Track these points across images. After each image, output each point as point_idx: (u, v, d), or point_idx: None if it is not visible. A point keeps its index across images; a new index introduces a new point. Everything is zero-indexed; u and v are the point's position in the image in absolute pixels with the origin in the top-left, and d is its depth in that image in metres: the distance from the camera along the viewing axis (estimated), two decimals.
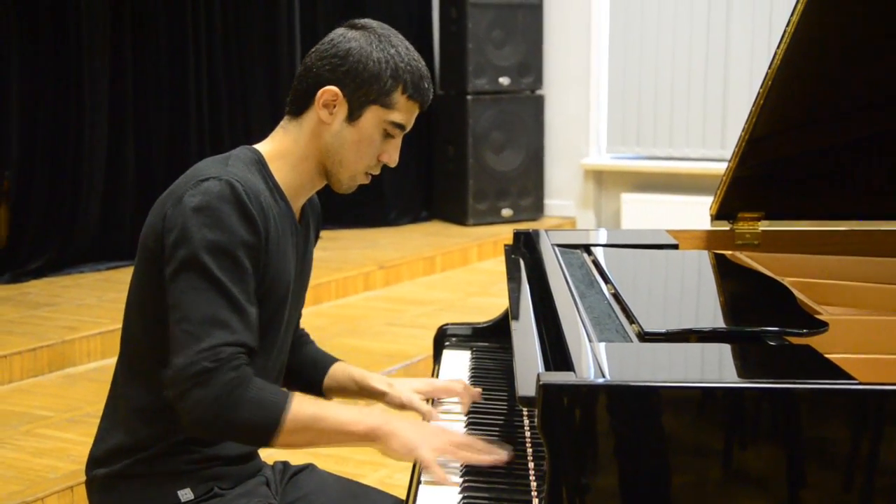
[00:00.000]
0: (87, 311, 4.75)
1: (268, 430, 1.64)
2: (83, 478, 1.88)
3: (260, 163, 1.80)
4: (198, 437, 1.75)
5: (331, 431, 1.68)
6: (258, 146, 1.85)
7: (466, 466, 1.67)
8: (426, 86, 1.82)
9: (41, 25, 5.40)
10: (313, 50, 1.83)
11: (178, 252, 1.67)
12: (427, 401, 2.02)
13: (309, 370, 2.04)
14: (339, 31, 1.82)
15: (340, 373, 2.03)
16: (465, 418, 1.92)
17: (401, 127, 1.82)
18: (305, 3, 6.73)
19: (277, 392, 1.67)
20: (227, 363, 1.62)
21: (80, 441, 3.45)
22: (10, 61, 5.29)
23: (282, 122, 1.86)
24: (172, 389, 1.64)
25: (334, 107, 1.78)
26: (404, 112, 1.81)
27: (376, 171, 1.86)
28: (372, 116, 1.79)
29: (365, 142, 1.80)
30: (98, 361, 4.36)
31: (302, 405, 1.67)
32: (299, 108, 1.82)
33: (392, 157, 1.84)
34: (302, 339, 2.07)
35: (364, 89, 1.77)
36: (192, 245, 1.66)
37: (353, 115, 1.79)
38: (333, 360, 2.06)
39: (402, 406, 1.98)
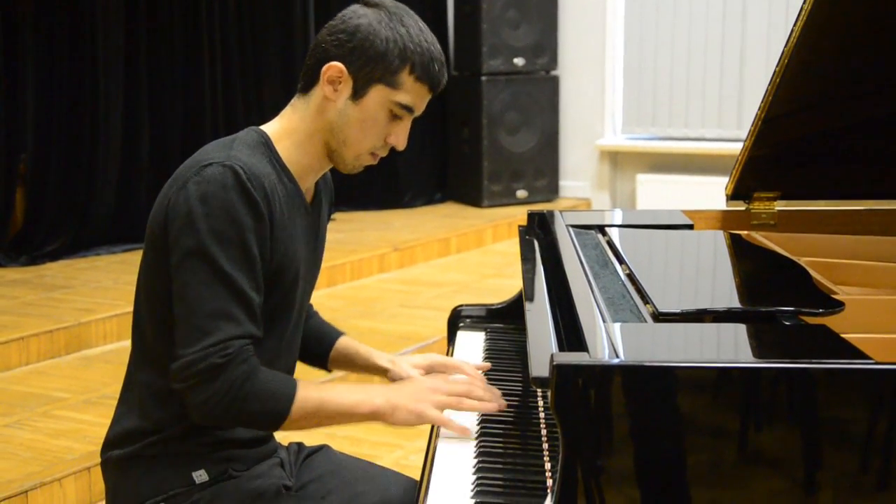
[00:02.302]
0: (103, 293, 4.77)
1: (276, 419, 1.68)
2: (100, 459, 1.89)
3: (266, 144, 1.78)
4: (207, 425, 1.75)
5: (336, 414, 1.72)
6: (266, 126, 1.83)
7: (479, 448, 1.67)
8: (436, 68, 1.77)
9: (57, 10, 5.40)
10: (326, 25, 1.80)
11: (183, 241, 1.66)
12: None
13: (314, 343, 2.04)
14: (353, 7, 1.79)
15: (345, 347, 2.06)
16: None
17: (408, 109, 1.77)
18: None
19: (284, 381, 1.69)
20: (237, 357, 1.63)
21: (96, 422, 3.47)
22: (26, 45, 5.30)
23: (293, 100, 1.83)
24: (181, 383, 1.65)
25: (339, 83, 1.75)
26: (412, 94, 1.76)
27: (383, 153, 1.82)
28: (377, 95, 1.75)
29: (369, 121, 1.76)
30: (114, 343, 4.38)
31: (308, 392, 1.69)
32: (308, 83, 1.80)
33: (399, 140, 1.80)
34: (307, 312, 2.06)
35: (369, 67, 1.74)
36: (198, 235, 1.65)
37: (357, 94, 1.75)
38: (339, 333, 2.08)
39: None
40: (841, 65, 2.19)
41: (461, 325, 2.34)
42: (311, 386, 1.71)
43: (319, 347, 2.05)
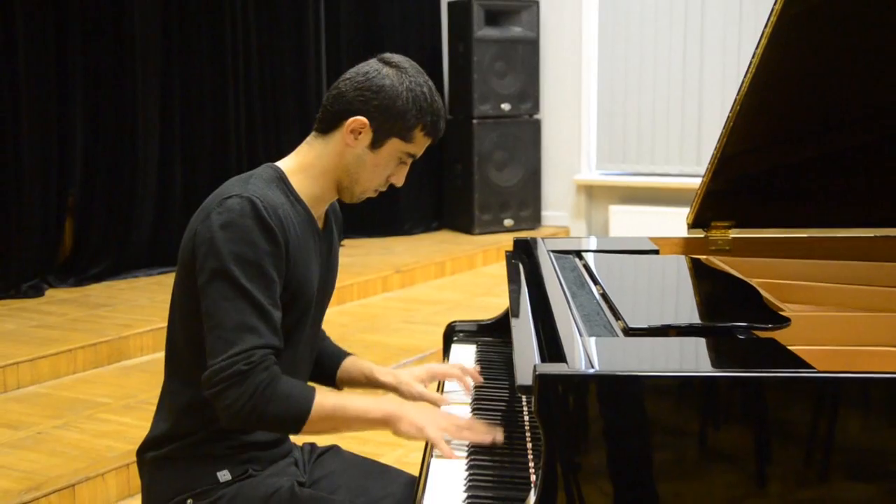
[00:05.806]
0: (141, 310, 4.76)
1: (297, 421, 1.66)
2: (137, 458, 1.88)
3: (280, 179, 1.79)
4: (234, 428, 1.74)
5: (350, 419, 1.70)
6: (281, 162, 1.84)
7: (472, 447, 1.67)
8: (441, 125, 1.82)
9: (103, 65, 5.44)
10: (347, 77, 1.81)
11: (208, 264, 1.67)
12: (437, 387, 2.02)
13: (325, 363, 2.03)
14: (374, 64, 1.80)
15: (351, 366, 2.04)
16: (472, 404, 1.92)
17: (413, 156, 1.83)
18: (330, 39, 6.75)
19: (304, 387, 1.69)
20: (259, 364, 1.62)
21: (134, 424, 3.45)
22: (75, 95, 5.32)
23: (308, 138, 1.84)
24: (210, 389, 1.64)
25: (360, 134, 1.78)
26: (419, 145, 1.81)
27: (383, 189, 1.86)
28: (391, 147, 1.79)
29: (381, 166, 1.80)
30: (150, 355, 4.37)
31: (326, 397, 1.68)
32: (327, 127, 1.81)
33: (399, 180, 1.86)
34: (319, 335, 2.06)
35: (390, 124, 1.77)
36: (220, 258, 1.65)
37: (375, 144, 1.78)
38: (346, 354, 2.07)
39: (415, 399, 1.97)
40: (787, 109, 2.20)
41: (455, 338, 2.34)
42: (329, 392, 1.71)
43: (329, 367, 2.04)
